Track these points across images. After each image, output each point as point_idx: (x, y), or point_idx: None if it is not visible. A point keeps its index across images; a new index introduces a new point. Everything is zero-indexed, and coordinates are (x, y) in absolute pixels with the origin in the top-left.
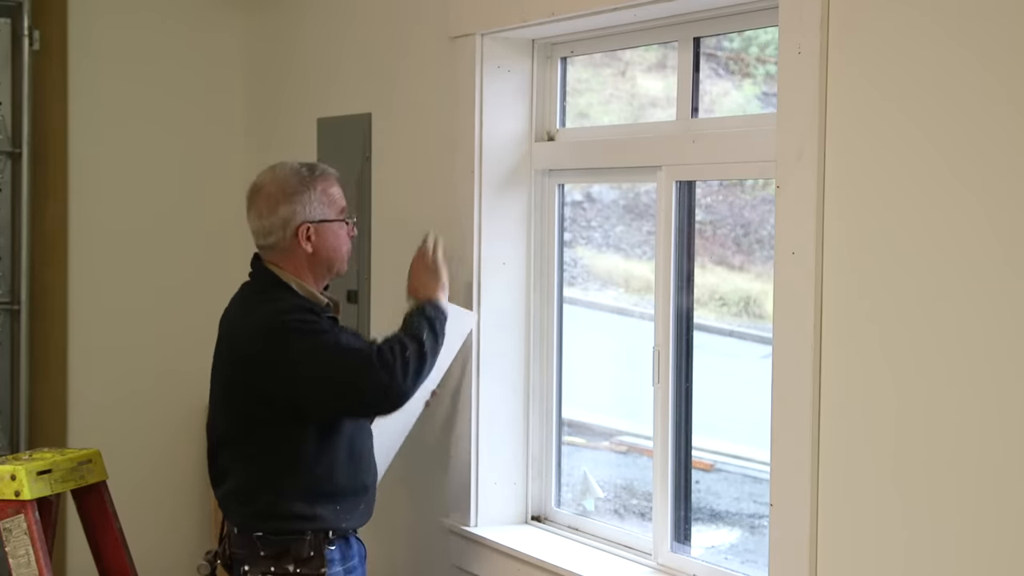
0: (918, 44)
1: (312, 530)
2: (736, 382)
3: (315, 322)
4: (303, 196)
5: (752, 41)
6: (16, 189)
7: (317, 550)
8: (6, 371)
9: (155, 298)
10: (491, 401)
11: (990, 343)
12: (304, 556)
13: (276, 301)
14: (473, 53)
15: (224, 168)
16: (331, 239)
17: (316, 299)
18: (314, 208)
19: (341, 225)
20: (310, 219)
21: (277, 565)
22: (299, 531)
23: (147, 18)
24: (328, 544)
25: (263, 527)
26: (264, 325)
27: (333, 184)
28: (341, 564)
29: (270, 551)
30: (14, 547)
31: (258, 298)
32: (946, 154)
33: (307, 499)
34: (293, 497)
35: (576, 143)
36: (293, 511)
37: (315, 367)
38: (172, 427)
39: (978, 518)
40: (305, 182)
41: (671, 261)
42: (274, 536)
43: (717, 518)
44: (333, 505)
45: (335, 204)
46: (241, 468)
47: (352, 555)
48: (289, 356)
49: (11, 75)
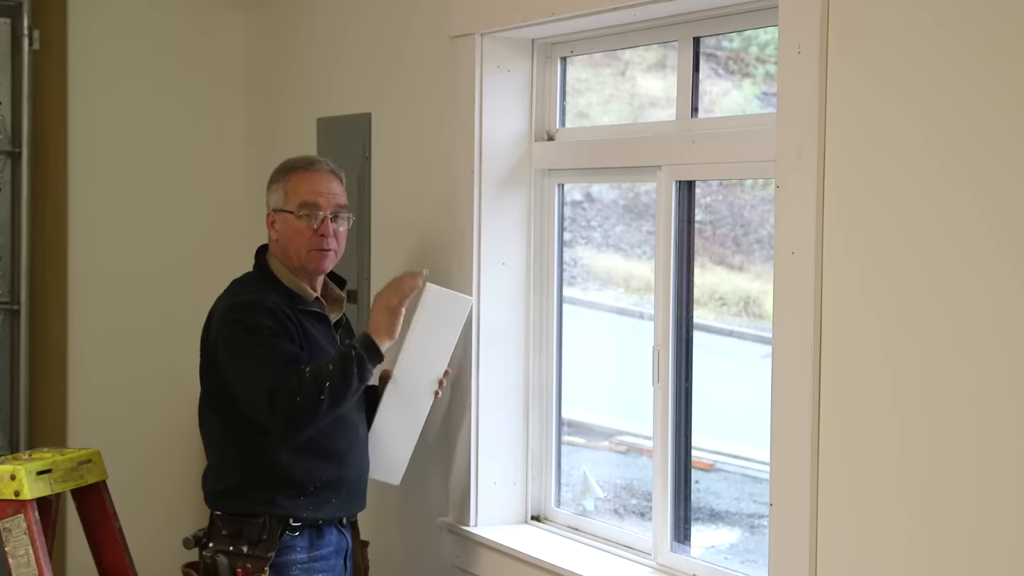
0: (918, 43)
1: (270, 515)
2: (736, 382)
3: (257, 324)
4: (274, 186)
5: (752, 41)
6: (16, 189)
7: (271, 534)
8: (6, 371)
9: (155, 297)
10: (491, 401)
11: (990, 342)
12: (256, 539)
13: (242, 294)
14: (473, 53)
15: (224, 168)
16: (288, 229)
17: (303, 292)
18: (278, 198)
19: (298, 219)
20: (273, 207)
21: (235, 544)
22: (254, 514)
23: (147, 19)
24: (290, 531)
25: (223, 507)
26: (217, 314)
27: (309, 178)
28: (307, 552)
29: (229, 530)
30: (14, 547)
31: (233, 288)
32: (946, 153)
33: (268, 486)
34: (254, 483)
35: (576, 143)
36: (253, 495)
37: (233, 367)
38: (172, 426)
39: (978, 517)
40: (281, 173)
41: (671, 261)
42: (231, 516)
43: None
44: (295, 495)
45: (295, 197)
46: (211, 450)
47: (324, 545)
48: (220, 349)
49: (11, 75)
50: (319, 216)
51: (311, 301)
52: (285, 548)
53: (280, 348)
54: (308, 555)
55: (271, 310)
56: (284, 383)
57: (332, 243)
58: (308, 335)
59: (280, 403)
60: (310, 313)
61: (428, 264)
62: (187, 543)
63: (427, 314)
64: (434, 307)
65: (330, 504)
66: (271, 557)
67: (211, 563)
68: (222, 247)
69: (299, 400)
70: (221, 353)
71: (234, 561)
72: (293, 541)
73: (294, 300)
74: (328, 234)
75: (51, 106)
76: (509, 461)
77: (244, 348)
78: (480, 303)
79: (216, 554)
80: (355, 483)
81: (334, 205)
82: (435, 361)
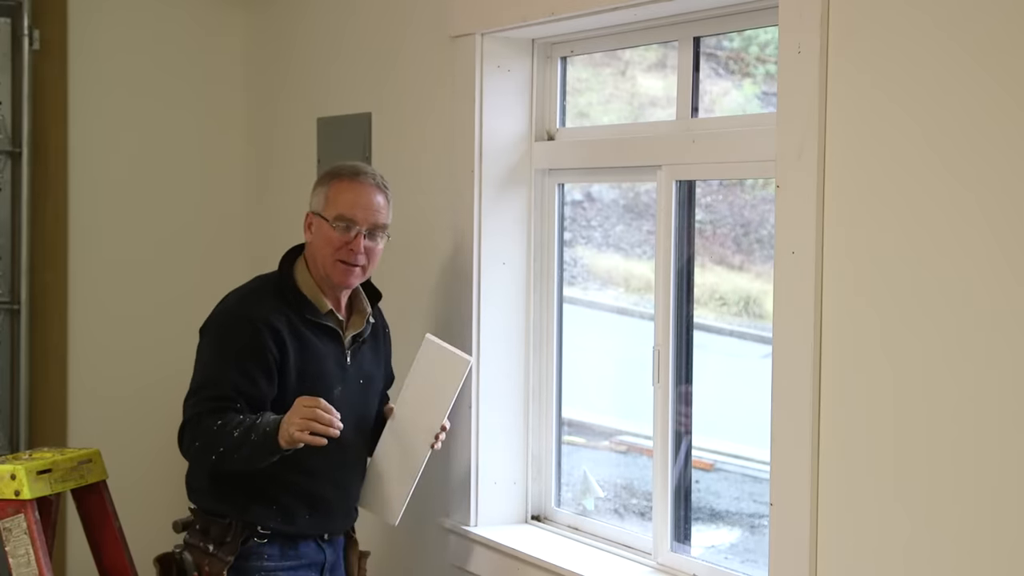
0: (918, 44)
1: (237, 519)
2: (736, 382)
3: (226, 340)
4: (319, 188)
5: (752, 41)
6: (16, 189)
7: (235, 538)
8: (6, 371)
9: (155, 298)
10: (491, 401)
11: (990, 342)
12: (220, 540)
13: (241, 302)
14: (473, 53)
15: (224, 167)
16: (320, 235)
17: (318, 303)
18: (319, 201)
19: (332, 228)
20: (313, 209)
21: (204, 540)
22: (223, 515)
23: (147, 18)
24: (258, 538)
25: (197, 501)
26: (215, 308)
27: (353, 189)
28: (276, 560)
29: (201, 526)
30: (14, 547)
31: (243, 288)
32: (946, 153)
33: (242, 491)
34: (226, 484)
35: (576, 143)
36: (228, 498)
37: (194, 367)
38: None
39: (978, 518)
40: (328, 177)
41: (671, 261)
42: (203, 513)
43: (717, 518)
44: (269, 505)
45: (334, 207)
46: None
47: (296, 556)
48: (198, 344)
49: (11, 75)
50: (353, 231)
51: (324, 314)
52: (253, 554)
53: (226, 376)
54: (277, 564)
55: (255, 326)
56: (197, 420)
57: (362, 259)
58: (309, 347)
59: (185, 436)
60: (320, 327)
61: (428, 263)
62: (176, 526)
63: (423, 365)
64: (430, 360)
65: (303, 519)
66: (230, 561)
67: (179, 557)
68: (222, 247)
69: (197, 445)
70: (198, 346)
71: (199, 558)
72: (262, 548)
73: (305, 309)
74: (358, 250)
75: (51, 106)
76: (509, 461)
77: (202, 357)
78: (481, 303)
79: (185, 548)
80: (336, 502)
81: (371, 223)
82: (432, 412)
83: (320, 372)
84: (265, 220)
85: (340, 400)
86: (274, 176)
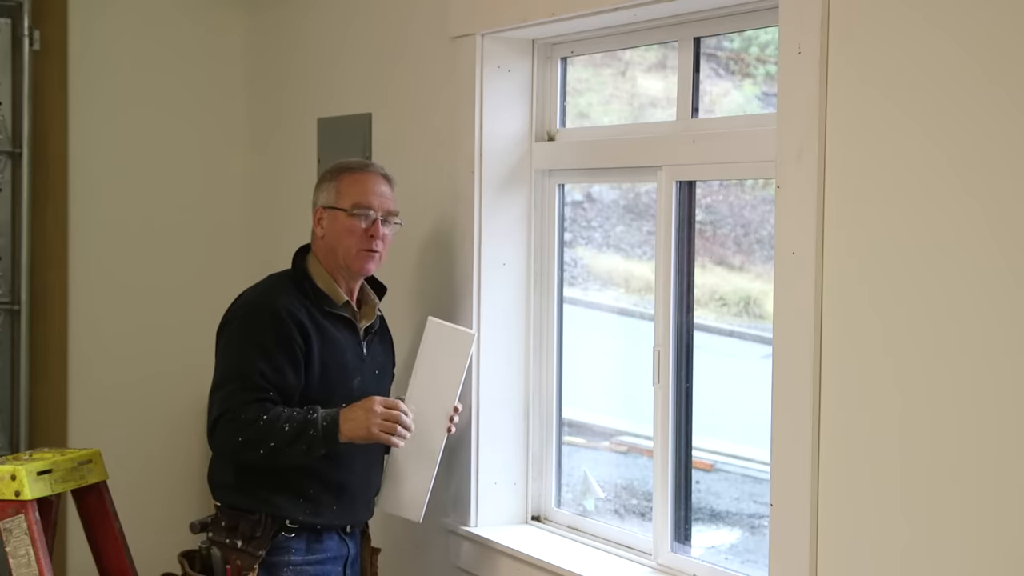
0: (918, 44)
1: (265, 513)
2: (736, 382)
3: (252, 331)
4: (325, 184)
5: (752, 41)
6: (16, 189)
7: (265, 533)
8: (6, 371)
9: (155, 298)
10: (491, 401)
11: (990, 342)
12: (250, 535)
13: (263, 294)
14: (473, 53)
15: (225, 167)
16: (337, 227)
17: (334, 295)
18: (329, 196)
19: (350, 217)
20: (323, 204)
21: (231, 537)
22: (251, 510)
23: (147, 18)
24: (286, 532)
25: (223, 498)
26: (232, 306)
27: (363, 179)
28: (303, 555)
29: (227, 522)
30: (14, 547)
31: (261, 285)
32: (946, 153)
33: (267, 485)
34: (252, 478)
35: (576, 143)
36: (253, 491)
37: (217, 361)
38: (172, 427)
39: (978, 518)
40: (334, 172)
41: (671, 261)
42: (230, 509)
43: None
44: (294, 497)
45: (348, 197)
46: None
47: (321, 551)
48: (219, 339)
49: (11, 75)
50: (371, 217)
51: (340, 305)
52: (280, 548)
53: (255, 367)
54: (303, 558)
55: (280, 316)
56: (233, 415)
57: (380, 245)
58: (330, 339)
59: (221, 431)
60: (337, 317)
61: (429, 264)
62: (193, 527)
63: (428, 347)
64: (434, 340)
65: (330, 511)
66: (262, 556)
67: (206, 553)
68: (222, 247)
69: (240, 440)
70: (219, 343)
71: (227, 554)
72: (289, 543)
73: (322, 301)
74: (378, 236)
75: (51, 106)
76: (509, 461)
77: (228, 350)
78: (481, 303)
79: (212, 545)
80: (359, 491)
81: (385, 209)
82: (443, 394)
83: (342, 363)
84: (265, 220)
85: (359, 390)
86: (274, 176)
